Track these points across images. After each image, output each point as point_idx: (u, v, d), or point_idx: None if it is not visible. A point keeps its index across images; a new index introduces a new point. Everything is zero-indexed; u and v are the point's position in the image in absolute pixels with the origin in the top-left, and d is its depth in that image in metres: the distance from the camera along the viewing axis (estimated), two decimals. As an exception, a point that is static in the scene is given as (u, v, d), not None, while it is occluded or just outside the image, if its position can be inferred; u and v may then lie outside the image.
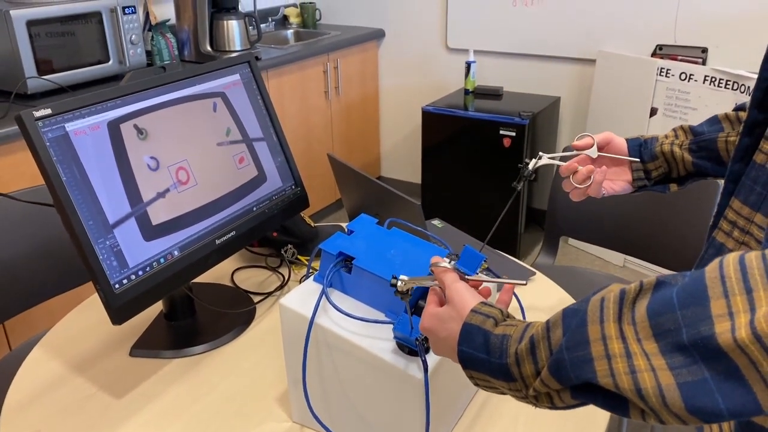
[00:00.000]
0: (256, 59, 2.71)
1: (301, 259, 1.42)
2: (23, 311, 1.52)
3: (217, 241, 1.13)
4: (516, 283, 0.73)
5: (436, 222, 1.58)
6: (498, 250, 1.52)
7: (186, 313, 1.21)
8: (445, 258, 0.79)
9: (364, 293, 0.88)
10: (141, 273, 1.02)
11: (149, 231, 1.04)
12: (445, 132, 2.91)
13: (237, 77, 1.23)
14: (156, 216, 1.05)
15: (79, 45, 2.21)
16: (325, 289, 0.88)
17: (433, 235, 1.10)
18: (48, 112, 0.94)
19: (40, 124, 0.92)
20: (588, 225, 1.86)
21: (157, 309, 1.25)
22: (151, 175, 1.05)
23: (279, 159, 1.29)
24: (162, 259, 1.05)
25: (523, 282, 0.73)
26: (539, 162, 1.04)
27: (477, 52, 3.22)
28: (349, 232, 0.94)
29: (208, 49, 2.75)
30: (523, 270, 1.38)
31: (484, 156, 2.85)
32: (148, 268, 1.03)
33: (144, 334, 1.18)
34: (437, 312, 0.69)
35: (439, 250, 0.92)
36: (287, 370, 0.94)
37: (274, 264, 1.42)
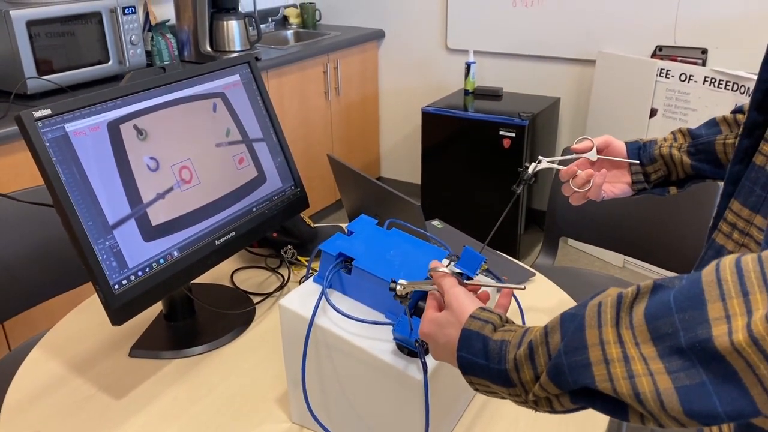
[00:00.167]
0: (256, 60, 2.71)
1: (301, 259, 1.42)
2: (23, 311, 1.52)
3: (217, 242, 1.13)
4: (515, 287, 0.72)
5: (436, 223, 1.57)
6: (498, 250, 1.52)
7: (185, 314, 1.21)
8: (445, 259, 0.79)
9: (363, 294, 0.88)
10: (140, 274, 1.02)
11: (149, 231, 1.04)
12: (445, 132, 2.91)
13: (237, 78, 1.23)
14: (156, 216, 1.05)
15: (79, 45, 2.21)
16: (324, 290, 0.88)
17: (433, 236, 1.10)
18: (48, 112, 0.94)
19: (40, 124, 0.92)
20: (588, 226, 1.86)
21: (157, 309, 1.25)
22: (151, 176, 1.05)
23: (279, 159, 1.29)
24: (161, 260, 1.05)
25: (522, 287, 0.73)
26: (539, 166, 1.04)
27: (477, 52, 3.22)
28: (349, 232, 0.94)
29: (208, 49, 2.75)
30: (523, 271, 1.38)
31: (483, 157, 2.85)
32: (148, 268, 1.03)
33: (143, 334, 1.18)
34: (436, 317, 0.69)
35: (439, 250, 0.92)
36: (287, 371, 0.94)
37: (274, 265, 1.43)
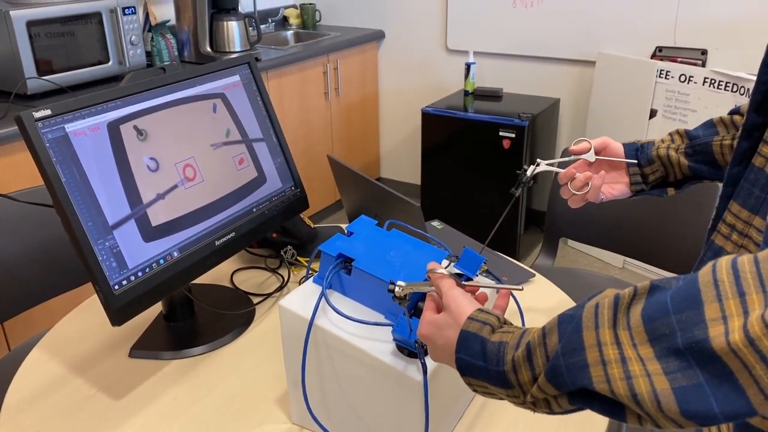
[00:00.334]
0: (256, 60, 2.71)
1: (301, 260, 1.42)
2: (23, 312, 1.52)
3: (217, 242, 1.13)
4: (513, 288, 0.72)
5: (436, 223, 1.58)
6: (497, 251, 1.52)
7: (185, 314, 1.21)
8: (444, 260, 0.79)
9: (363, 295, 0.88)
10: (140, 274, 1.02)
11: (149, 232, 1.04)
12: (445, 133, 2.92)
13: (237, 78, 1.23)
14: (155, 217, 1.05)
15: (79, 45, 2.21)
16: (324, 291, 0.88)
17: (433, 236, 1.10)
18: (48, 112, 0.94)
19: (40, 124, 0.92)
20: (587, 226, 1.86)
21: (157, 310, 1.25)
22: (151, 176, 1.05)
23: (279, 160, 1.29)
24: (161, 260, 1.05)
25: (520, 288, 0.73)
26: (537, 169, 1.05)
27: (477, 53, 3.22)
28: (349, 233, 0.94)
29: (208, 50, 2.75)
30: (523, 271, 1.38)
31: (483, 157, 2.86)
32: (148, 269, 1.03)
33: (143, 335, 1.18)
34: (434, 319, 0.69)
35: (439, 251, 0.92)
36: (286, 372, 0.94)
37: (274, 265, 1.43)
